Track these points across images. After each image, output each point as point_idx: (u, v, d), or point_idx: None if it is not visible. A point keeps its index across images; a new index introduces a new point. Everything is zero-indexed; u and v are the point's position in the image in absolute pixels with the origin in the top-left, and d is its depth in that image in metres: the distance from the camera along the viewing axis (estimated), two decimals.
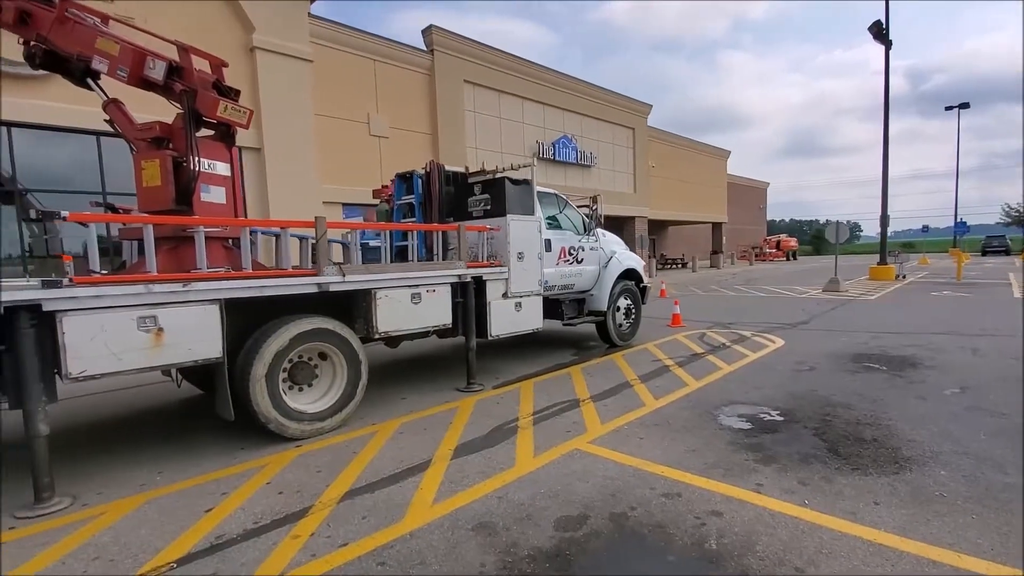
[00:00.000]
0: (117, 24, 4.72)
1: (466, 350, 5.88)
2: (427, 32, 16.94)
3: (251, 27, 12.27)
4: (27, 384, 3.19)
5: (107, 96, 4.74)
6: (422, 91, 16.99)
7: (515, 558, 2.67)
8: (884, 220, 20.55)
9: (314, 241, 5.68)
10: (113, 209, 5.16)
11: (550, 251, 6.92)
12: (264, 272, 4.23)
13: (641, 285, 8.68)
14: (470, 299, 5.69)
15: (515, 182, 6.17)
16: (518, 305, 6.24)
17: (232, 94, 4.63)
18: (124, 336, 3.44)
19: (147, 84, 4.42)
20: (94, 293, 3.31)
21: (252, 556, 2.76)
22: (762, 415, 4.81)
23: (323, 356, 4.75)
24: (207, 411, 5.46)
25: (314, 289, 4.39)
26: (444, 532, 2.94)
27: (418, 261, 5.52)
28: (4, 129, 9.56)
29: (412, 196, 6.84)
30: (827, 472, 3.60)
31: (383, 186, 12.25)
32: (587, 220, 7.79)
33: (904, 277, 20.68)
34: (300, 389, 4.62)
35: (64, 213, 3.27)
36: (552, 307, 7.27)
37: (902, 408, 4.86)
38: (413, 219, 6.79)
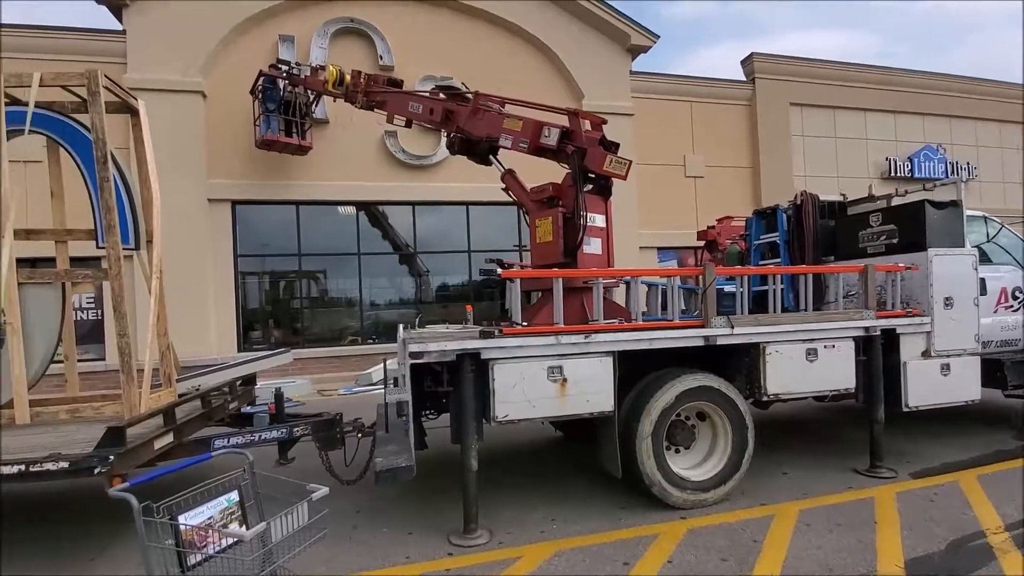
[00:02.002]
0: (511, 105, 5.43)
1: (870, 423, 4.62)
2: (747, 61, 15.89)
3: (580, 94, 13.47)
4: (466, 422, 3.60)
5: (504, 168, 5.46)
6: (740, 124, 15.90)
7: None
8: None
9: (694, 289, 5.41)
10: (502, 265, 5.87)
11: (983, 294, 5.09)
12: (652, 324, 4.05)
13: None
14: (877, 358, 4.48)
15: (937, 205, 4.74)
16: (944, 368, 4.69)
17: (614, 148, 4.75)
18: (537, 385, 3.62)
19: (540, 150, 4.87)
20: (518, 343, 3.58)
21: None
22: None
23: (701, 416, 4.29)
24: (573, 456, 5.56)
25: (700, 342, 4.00)
26: None
27: (811, 311, 4.62)
28: (411, 208, 12.61)
29: (774, 234, 6.00)
30: None
31: (708, 227, 11.63)
32: None
33: None
34: (677, 451, 4.23)
35: (499, 271, 3.66)
36: (985, 370, 5.30)
37: None
38: (777, 260, 5.92)
